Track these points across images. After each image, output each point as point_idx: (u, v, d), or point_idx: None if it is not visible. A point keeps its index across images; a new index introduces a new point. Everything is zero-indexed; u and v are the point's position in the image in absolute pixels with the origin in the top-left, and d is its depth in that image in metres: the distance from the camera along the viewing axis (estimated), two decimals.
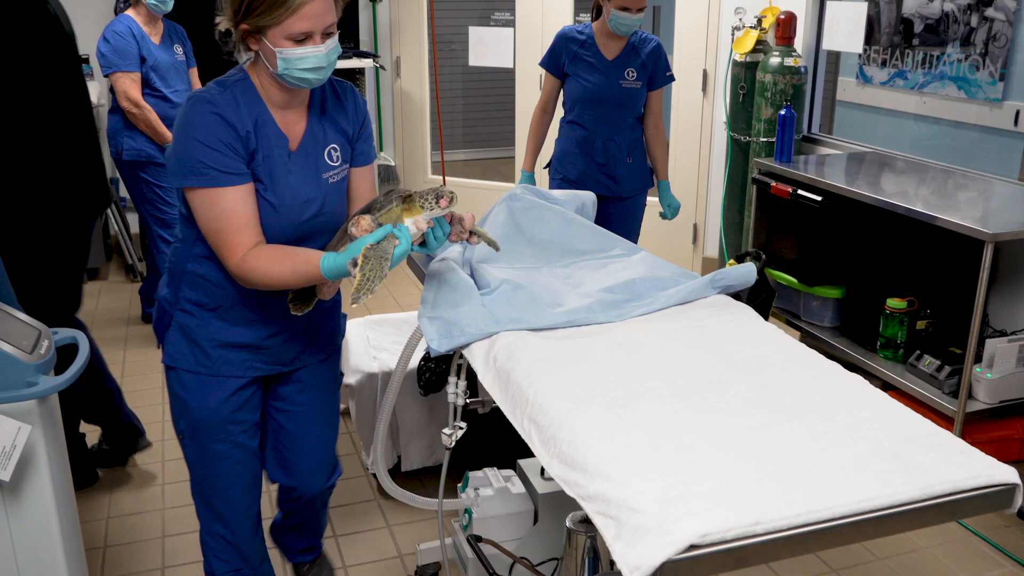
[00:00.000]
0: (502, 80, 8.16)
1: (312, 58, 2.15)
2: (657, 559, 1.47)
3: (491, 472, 2.93)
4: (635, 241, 4.16)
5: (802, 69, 5.17)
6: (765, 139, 5.26)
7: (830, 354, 4.30)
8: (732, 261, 4.53)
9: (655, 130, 4.33)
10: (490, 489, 2.85)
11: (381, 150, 7.23)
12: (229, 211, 2.15)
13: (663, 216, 4.43)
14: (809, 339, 4.63)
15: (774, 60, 5.20)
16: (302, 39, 2.13)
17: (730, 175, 5.70)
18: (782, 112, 4.79)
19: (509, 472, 2.97)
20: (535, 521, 2.88)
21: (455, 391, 2.46)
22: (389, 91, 7.13)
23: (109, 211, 6.28)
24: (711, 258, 6.15)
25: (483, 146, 9.71)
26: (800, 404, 1.93)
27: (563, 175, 4.31)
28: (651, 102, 4.28)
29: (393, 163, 7.08)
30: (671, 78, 4.27)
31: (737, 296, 2.79)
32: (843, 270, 4.51)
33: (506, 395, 2.06)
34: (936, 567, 3.30)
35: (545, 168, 4.45)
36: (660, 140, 4.35)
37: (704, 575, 1.53)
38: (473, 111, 9.56)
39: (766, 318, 4.32)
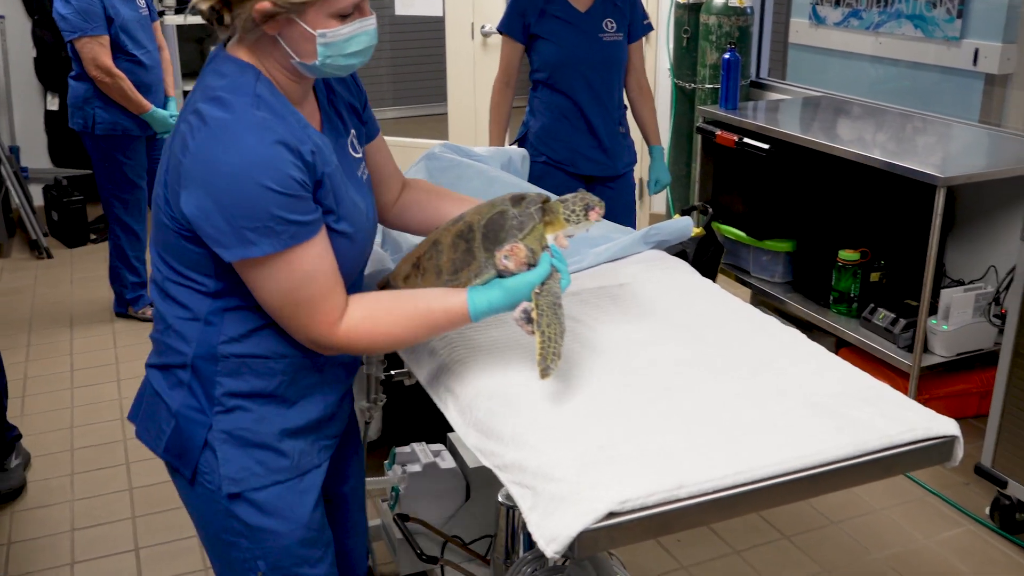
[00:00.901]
0: (432, 31, 8.11)
1: (363, 35, 1.73)
2: (573, 529, 1.46)
3: (419, 447, 2.93)
4: (634, 226, 3.48)
5: (748, 10, 5.17)
6: (711, 85, 5.28)
7: (782, 311, 4.34)
8: (677, 216, 4.57)
9: (639, 89, 4.01)
10: (417, 465, 2.85)
11: None
12: (313, 273, 1.68)
13: (650, 191, 4.22)
14: (760, 296, 4.67)
15: (718, 0, 5.19)
16: (350, 12, 1.70)
17: (676, 125, 5.71)
18: (726, 56, 4.80)
19: (439, 447, 2.96)
20: (467, 498, 2.89)
21: (373, 362, 2.45)
22: None
23: (9, 184, 6.17)
24: (658, 214, 6.18)
25: (415, 103, 9.66)
26: (731, 361, 1.94)
27: (547, 155, 3.87)
28: (632, 56, 3.91)
29: None
30: (649, 27, 3.95)
31: (683, 254, 2.80)
32: (794, 222, 4.54)
33: (421, 364, 2.05)
34: (892, 529, 3.35)
35: (513, 145, 3.97)
36: (647, 99, 4.04)
37: (626, 543, 1.53)
38: (402, 65, 9.49)
39: (714, 275, 4.38)
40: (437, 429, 2.84)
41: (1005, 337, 3.23)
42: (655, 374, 1.88)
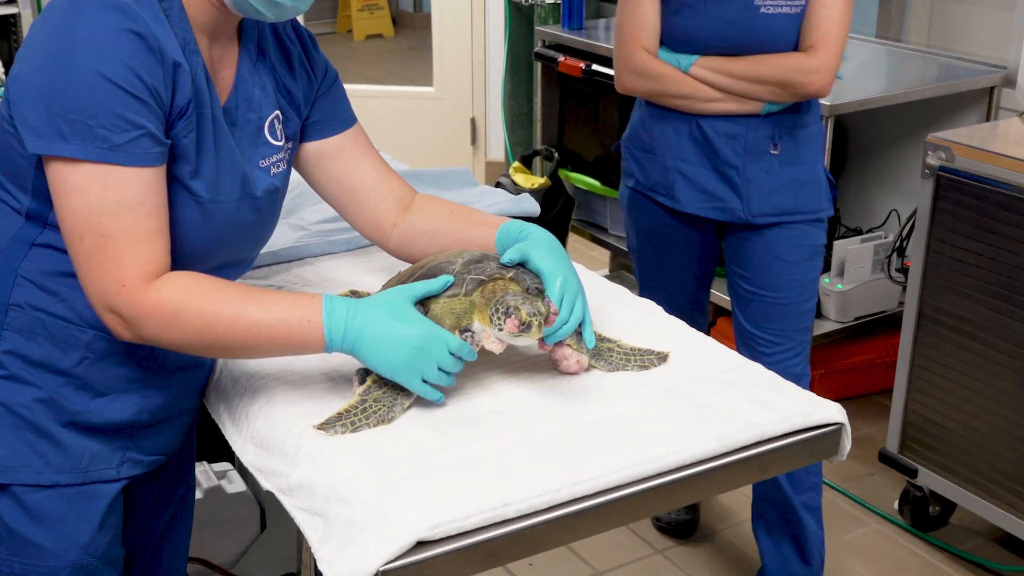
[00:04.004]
0: None
1: None
2: (372, 565, 1.45)
3: (200, 468, 2.88)
4: (805, 343, 3.02)
5: None
6: (551, 1, 5.28)
7: None
8: (518, 165, 4.54)
9: None
10: (198, 491, 2.80)
11: None
12: (135, 205, 1.65)
13: None
14: (621, 257, 4.69)
15: None
16: None
17: (511, 52, 5.72)
18: None
19: (225, 466, 2.92)
20: (262, 528, 2.85)
21: None
22: None
23: None
24: (496, 162, 6.19)
25: None
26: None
27: (635, 175, 3.09)
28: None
29: None
30: None
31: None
32: None
33: None
34: None
35: (615, 151, 3.38)
36: None
37: None
38: None
39: (564, 234, 4.37)
40: (224, 444, 2.79)
41: (908, 295, 3.30)
42: (488, 398, 1.85)
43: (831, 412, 1.79)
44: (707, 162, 2.87)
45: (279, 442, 1.72)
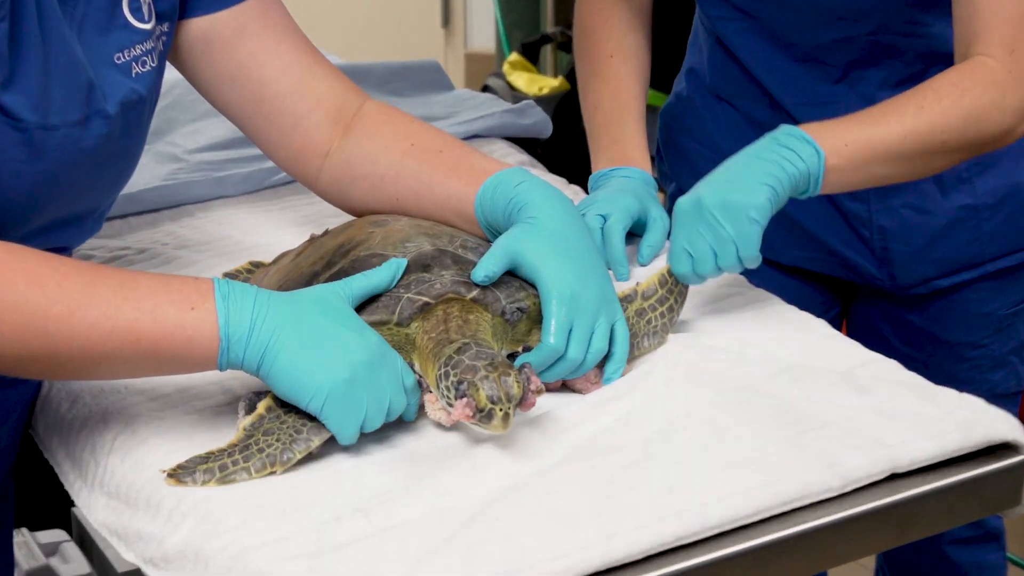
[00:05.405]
0: None
1: None
2: None
3: (19, 539, 2.70)
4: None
5: None
6: None
7: None
8: (516, 59, 4.17)
9: None
10: (18, 571, 2.59)
11: None
12: None
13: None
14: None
15: None
16: None
17: None
18: None
19: (58, 535, 2.75)
20: None
21: None
22: None
23: None
24: (481, 53, 5.91)
25: None
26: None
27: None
28: None
29: None
30: None
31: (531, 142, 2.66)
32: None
33: None
34: None
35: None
36: None
37: None
38: None
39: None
40: (58, 502, 2.44)
41: None
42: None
43: (1005, 427, 1.50)
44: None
45: (148, 491, 1.52)
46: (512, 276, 1.62)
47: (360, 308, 1.57)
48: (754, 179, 1.68)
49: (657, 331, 1.68)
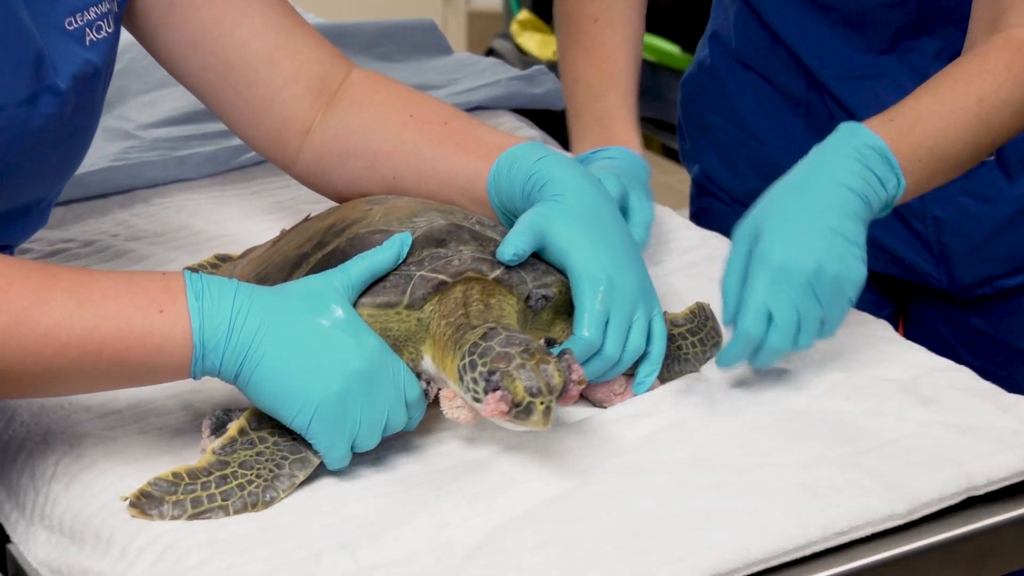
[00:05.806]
0: None
1: None
2: None
3: None
4: None
5: None
6: None
7: None
8: (527, 17, 4.07)
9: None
10: None
11: None
12: None
13: None
14: None
15: None
16: None
17: None
18: None
19: None
20: None
21: None
22: None
23: None
24: (484, 11, 5.83)
25: None
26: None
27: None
28: None
29: None
30: None
31: (544, 115, 2.54)
32: None
33: None
34: None
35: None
36: None
37: None
38: None
39: None
40: None
41: None
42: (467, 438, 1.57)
43: None
44: None
45: (97, 523, 1.42)
46: (537, 259, 1.52)
47: (362, 291, 1.47)
48: (849, 231, 1.50)
49: (689, 359, 1.60)
